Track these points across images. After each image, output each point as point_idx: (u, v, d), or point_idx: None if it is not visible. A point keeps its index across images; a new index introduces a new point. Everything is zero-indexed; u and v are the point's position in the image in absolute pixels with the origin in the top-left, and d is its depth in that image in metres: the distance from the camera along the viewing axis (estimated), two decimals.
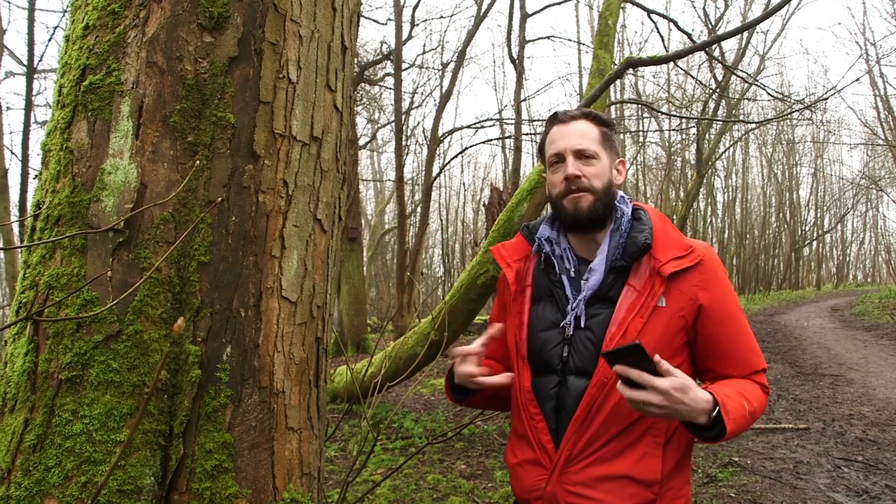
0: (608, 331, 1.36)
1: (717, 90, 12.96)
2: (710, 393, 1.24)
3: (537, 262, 1.52)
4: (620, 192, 1.51)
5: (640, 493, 1.33)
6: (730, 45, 18.15)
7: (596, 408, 1.34)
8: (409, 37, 13.12)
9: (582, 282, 1.43)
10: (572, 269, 1.46)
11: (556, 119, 1.50)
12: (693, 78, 12.56)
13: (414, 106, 16.20)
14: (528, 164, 19.27)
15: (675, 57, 5.49)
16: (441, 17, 26.31)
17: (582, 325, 1.40)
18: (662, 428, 1.34)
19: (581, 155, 1.44)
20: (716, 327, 1.39)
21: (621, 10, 8.37)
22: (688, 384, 1.20)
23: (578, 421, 1.35)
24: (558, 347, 1.41)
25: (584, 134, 1.45)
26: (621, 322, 1.35)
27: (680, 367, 1.33)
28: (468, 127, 13.13)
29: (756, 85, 9.46)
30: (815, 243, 32.03)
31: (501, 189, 12.77)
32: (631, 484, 1.33)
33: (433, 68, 16.51)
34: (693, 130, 16.75)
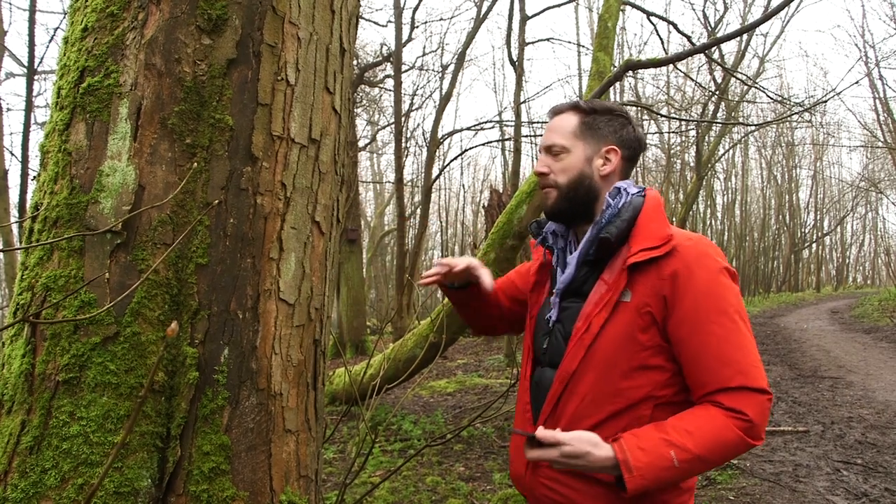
0: (574, 325, 1.35)
1: (717, 92, 12.97)
2: (611, 448, 1.18)
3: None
4: (621, 183, 1.41)
5: (607, 496, 1.26)
6: (729, 48, 18.18)
7: (563, 403, 1.34)
8: (409, 39, 13.13)
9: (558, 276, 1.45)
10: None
11: (550, 113, 1.52)
12: (692, 80, 12.54)
13: (414, 108, 16.22)
14: (528, 167, 19.26)
15: (674, 59, 5.49)
16: (441, 19, 26.47)
17: (555, 318, 1.41)
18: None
19: (549, 150, 1.44)
20: (679, 327, 1.25)
21: (621, 13, 8.38)
22: (578, 448, 1.17)
23: (545, 415, 1.36)
24: (542, 339, 1.44)
25: (556, 128, 1.44)
26: (586, 316, 1.33)
27: (657, 370, 1.27)
28: (468, 129, 13.15)
29: (755, 87, 9.46)
30: (814, 245, 32.00)
31: (501, 191, 12.77)
32: (596, 485, 1.28)
33: (433, 70, 16.55)
34: (692, 133, 16.76)
